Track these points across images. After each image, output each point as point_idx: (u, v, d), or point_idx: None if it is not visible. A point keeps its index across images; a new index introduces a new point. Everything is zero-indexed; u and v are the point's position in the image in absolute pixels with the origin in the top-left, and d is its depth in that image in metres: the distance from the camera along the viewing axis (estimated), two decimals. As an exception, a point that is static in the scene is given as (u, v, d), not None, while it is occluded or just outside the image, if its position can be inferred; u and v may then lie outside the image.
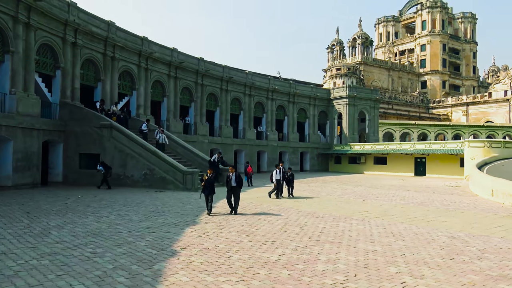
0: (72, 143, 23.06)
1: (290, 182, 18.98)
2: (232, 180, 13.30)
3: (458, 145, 36.36)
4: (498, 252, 8.40)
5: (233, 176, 13.33)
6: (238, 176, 13.36)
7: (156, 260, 7.42)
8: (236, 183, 13.32)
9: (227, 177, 13.47)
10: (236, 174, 13.39)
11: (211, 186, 12.97)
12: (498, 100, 74.88)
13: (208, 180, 13.03)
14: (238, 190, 13.41)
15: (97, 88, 26.69)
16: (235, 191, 13.33)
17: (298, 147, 45.65)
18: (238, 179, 13.35)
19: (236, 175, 13.35)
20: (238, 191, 13.43)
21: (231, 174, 13.34)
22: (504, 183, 17.55)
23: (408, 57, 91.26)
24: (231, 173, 13.37)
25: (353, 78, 71.68)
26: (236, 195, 13.33)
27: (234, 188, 13.32)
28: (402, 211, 14.56)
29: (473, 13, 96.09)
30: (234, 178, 13.30)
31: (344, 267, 7.14)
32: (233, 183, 13.28)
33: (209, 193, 12.95)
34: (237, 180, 13.35)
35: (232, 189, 13.33)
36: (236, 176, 13.34)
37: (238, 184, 13.38)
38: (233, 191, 13.31)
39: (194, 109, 35.25)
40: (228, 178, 13.38)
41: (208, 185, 12.93)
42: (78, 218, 11.84)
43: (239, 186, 13.44)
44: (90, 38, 25.30)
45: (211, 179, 13.11)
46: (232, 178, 13.32)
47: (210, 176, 13.12)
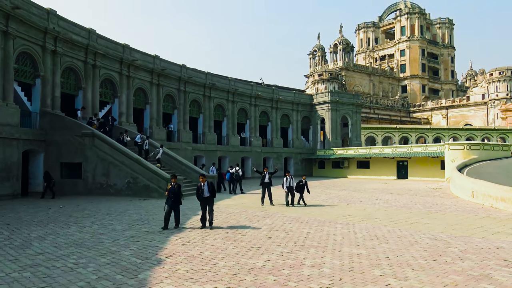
0: (53, 152, 22.68)
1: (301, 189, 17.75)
2: (204, 191, 11.93)
3: (439, 148, 36.99)
4: (479, 252, 8.57)
5: (205, 185, 11.97)
6: (211, 186, 12.07)
7: (141, 269, 7.35)
8: (209, 193, 12.00)
9: (198, 187, 12.02)
10: (208, 183, 12.09)
11: (175, 196, 11.74)
12: (476, 103, 76.62)
13: (171, 189, 11.78)
14: (211, 200, 12.10)
15: (78, 96, 26.36)
16: (209, 202, 12.00)
17: (282, 153, 45.82)
18: (211, 188, 12.03)
19: (208, 184, 12.04)
20: (212, 201, 12.11)
21: (203, 184, 11.96)
22: (483, 185, 17.91)
23: (389, 62, 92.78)
24: (202, 183, 11.98)
25: (335, 83, 72.46)
26: (211, 207, 12.02)
27: (207, 199, 11.97)
28: (386, 214, 14.73)
29: (450, 19, 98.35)
30: (206, 188, 11.95)
31: (329, 271, 7.19)
32: (206, 194, 11.93)
33: (173, 205, 11.70)
34: (210, 189, 12.01)
35: (205, 200, 11.97)
36: (209, 186, 12.01)
37: (211, 194, 12.06)
38: (207, 202, 11.99)
39: (177, 116, 35.10)
40: (200, 189, 11.95)
41: (172, 195, 11.69)
42: (60, 228, 11.64)
43: (213, 196, 12.12)
44: (71, 46, 25.03)
45: (175, 188, 11.83)
46: (204, 188, 11.94)
47: (174, 185, 11.84)
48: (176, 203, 11.78)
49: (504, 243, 9.49)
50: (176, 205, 11.77)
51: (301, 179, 18.09)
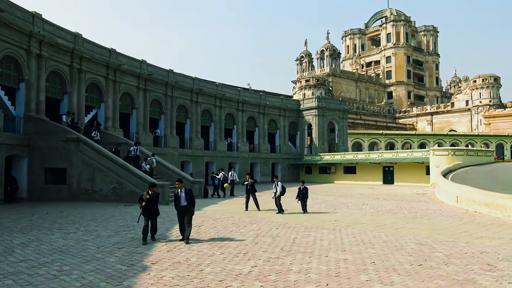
0: (37, 157, 22.33)
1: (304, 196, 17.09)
2: (181, 199, 10.65)
3: (424, 153, 37.44)
4: (463, 257, 8.66)
5: (183, 193, 10.66)
6: (189, 193, 10.71)
7: (126, 276, 7.26)
8: (186, 201, 10.66)
9: (175, 195, 10.79)
10: (186, 190, 10.72)
11: (153, 207, 10.62)
12: (460, 109, 77.89)
13: (150, 199, 10.55)
14: (190, 211, 10.68)
15: (63, 101, 26.05)
16: (187, 212, 10.64)
17: (269, 158, 45.86)
18: (189, 196, 10.66)
19: (186, 192, 10.68)
20: (190, 212, 10.68)
21: (180, 191, 10.69)
22: (467, 190, 18.16)
23: (375, 68, 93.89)
24: (179, 190, 10.72)
25: (322, 89, 72.95)
26: (188, 217, 10.63)
27: (184, 208, 10.67)
28: (372, 219, 14.82)
29: (434, 26, 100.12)
30: (183, 196, 10.65)
31: (316, 276, 7.19)
32: (183, 202, 10.64)
33: (151, 216, 10.59)
34: (188, 198, 10.65)
35: (182, 210, 10.69)
36: (186, 193, 10.66)
37: (189, 203, 10.67)
38: (184, 212, 10.67)
39: (164, 121, 34.93)
40: (176, 197, 10.72)
41: (149, 205, 10.51)
42: (43, 235, 11.44)
43: (191, 205, 10.71)
44: (56, 50, 24.76)
45: (153, 197, 10.67)
46: (181, 195, 10.65)
47: (153, 194, 10.64)
48: (155, 215, 10.72)
49: (488, 247, 9.62)
50: (154, 217, 10.73)
51: (300, 186, 17.41)
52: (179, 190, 10.75)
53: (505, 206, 14.70)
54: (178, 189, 10.77)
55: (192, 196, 10.78)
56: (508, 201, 14.68)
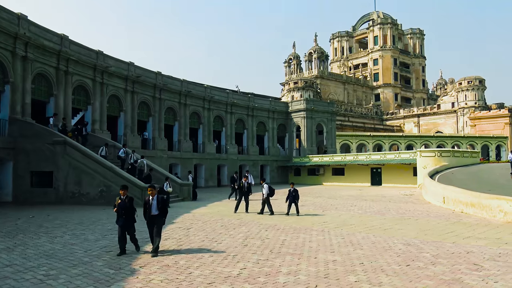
0: (22, 160, 22.02)
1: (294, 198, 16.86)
2: (152, 207, 9.39)
3: (411, 155, 37.80)
4: (450, 257, 8.76)
5: (154, 200, 9.43)
6: (161, 201, 9.47)
7: (114, 280, 7.19)
8: (158, 210, 9.42)
9: (145, 202, 9.51)
10: (158, 198, 9.48)
11: (127, 214, 9.34)
12: (446, 111, 78.91)
13: (121, 205, 9.34)
14: (161, 220, 9.50)
15: (49, 103, 25.76)
16: (157, 222, 9.40)
17: (258, 160, 45.86)
18: (160, 205, 9.42)
19: (158, 200, 9.45)
20: (160, 222, 9.49)
21: (151, 199, 9.43)
22: (454, 191, 18.37)
23: (362, 71, 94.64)
24: (150, 197, 9.45)
25: (310, 91, 73.29)
26: (158, 228, 9.37)
27: (154, 218, 9.39)
28: (360, 220, 14.91)
29: (421, 29, 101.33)
30: (155, 204, 9.41)
31: (305, 278, 7.21)
32: (154, 211, 9.39)
33: (125, 224, 9.34)
34: (160, 206, 9.41)
35: (152, 220, 9.40)
36: (158, 201, 9.43)
37: (160, 212, 9.44)
38: (154, 222, 9.39)
39: (153, 124, 34.73)
40: (147, 204, 9.44)
41: (122, 212, 9.30)
42: (29, 239, 11.28)
43: (162, 215, 9.50)
44: (42, 52, 24.47)
45: (126, 202, 9.38)
46: (152, 203, 9.40)
47: (124, 199, 9.39)
48: (129, 222, 9.40)
49: (474, 247, 9.74)
50: (129, 224, 9.41)
51: (290, 188, 17.26)
52: (150, 198, 9.46)
53: (491, 206, 14.91)
54: (149, 196, 9.49)
55: (164, 205, 9.57)
56: (493, 201, 14.88)
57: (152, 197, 9.46)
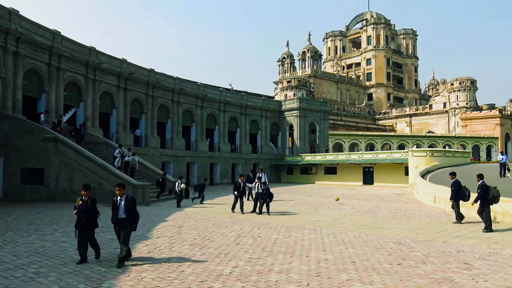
0: (13, 157, 21.80)
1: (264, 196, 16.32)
2: (119, 209, 8.21)
3: (403, 154, 38.01)
4: (441, 256, 8.82)
5: (122, 201, 8.24)
6: (130, 202, 8.25)
7: (105, 278, 7.15)
8: (126, 213, 8.19)
9: (113, 203, 8.33)
10: (127, 199, 8.26)
11: (88, 217, 8.24)
12: (438, 111, 79.42)
13: (82, 207, 8.28)
14: (129, 226, 8.27)
15: (41, 100, 25.53)
16: (125, 228, 8.19)
17: (250, 159, 45.85)
18: (129, 207, 8.19)
19: (126, 201, 8.23)
20: (129, 227, 8.28)
21: (119, 199, 8.26)
22: (445, 190, 18.46)
23: (355, 70, 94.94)
24: (119, 198, 8.27)
25: (303, 90, 73.39)
26: (125, 235, 8.15)
27: (121, 222, 8.22)
28: (352, 219, 14.97)
29: (413, 30, 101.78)
30: (122, 206, 8.21)
31: (297, 276, 7.23)
32: (121, 214, 8.19)
33: (84, 229, 8.19)
34: (128, 209, 8.17)
35: (118, 224, 8.26)
36: (127, 202, 8.21)
37: (128, 216, 8.20)
38: (122, 227, 8.21)
39: (145, 121, 34.57)
40: (114, 206, 8.29)
41: (83, 215, 8.22)
42: (20, 236, 11.18)
43: (131, 220, 8.26)
44: (34, 48, 24.24)
45: (87, 204, 8.32)
46: (120, 205, 8.23)
47: (86, 201, 8.34)
48: (90, 226, 8.31)
49: (465, 246, 9.83)
50: (90, 229, 8.31)
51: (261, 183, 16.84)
52: (118, 198, 8.25)
53: (481, 206, 15.00)
54: (117, 197, 8.27)
55: (133, 206, 8.28)
56: (483, 201, 14.98)
57: (120, 197, 8.25)
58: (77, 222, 8.33)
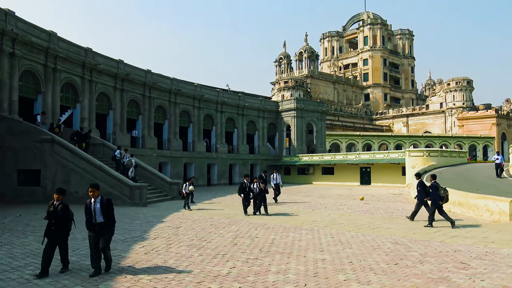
0: (9, 158, 21.71)
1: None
2: (96, 212, 7.38)
3: (400, 154, 38.07)
4: (438, 255, 8.84)
5: (97, 203, 7.40)
6: (106, 204, 7.43)
7: (102, 279, 7.13)
8: (103, 216, 7.40)
9: (86, 207, 7.47)
10: (103, 201, 7.44)
11: (59, 224, 7.41)
12: (435, 111, 79.66)
13: (52, 213, 7.44)
14: (108, 230, 7.48)
15: (37, 101, 25.42)
16: (103, 233, 7.39)
17: (248, 159, 45.83)
18: (106, 209, 7.38)
19: (102, 203, 7.41)
20: (108, 233, 7.50)
21: (93, 201, 7.43)
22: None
23: (352, 70, 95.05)
24: (93, 200, 7.45)
25: (300, 90, 73.44)
26: (105, 241, 7.38)
27: (99, 227, 7.40)
28: (349, 219, 14.99)
29: (410, 30, 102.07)
30: (98, 208, 7.37)
31: (294, 277, 7.22)
32: (99, 218, 7.39)
33: (56, 238, 7.44)
34: (105, 211, 7.38)
35: (95, 229, 7.41)
36: (103, 205, 7.39)
37: (106, 219, 7.43)
38: (100, 232, 7.38)
39: (142, 122, 34.49)
40: (88, 209, 7.43)
41: (53, 222, 7.42)
42: (16, 238, 11.13)
43: (108, 223, 7.47)
44: (30, 49, 24.14)
45: (59, 211, 7.44)
46: (95, 208, 7.38)
47: (57, 206, 7.47)
48: (61, 235, 7.51)
49: (461, 246, 9.85)
50: (61, 238, 7.53)
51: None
52: (92, 200, 7.44)
53: (478, 205, 15.10)
54: (91, 199, 7.47)
55: (110, 208, 7.48)
56: (480, 201, 15.07)
57: (94, 199, 7.43)
58: (47, 229, 7.48)
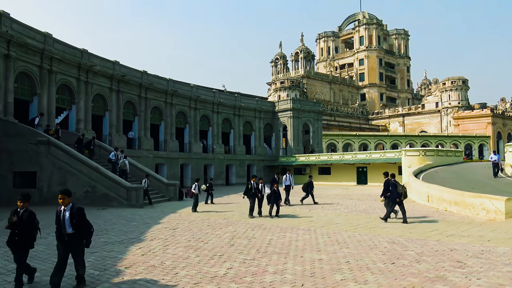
0: (5, 160, 21.61)
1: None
2: (65, 222, 6.35)
3: (396, 154, 38.19)
4: (434, 254, 8.86)
5: (67, 211, 6.40)
6: (77, 213, 6.39)
7: (99, 282, 7.11)
8: (73, 227, 6.35)
9: (56, 215, 6.56)
10: (73, 209, 6.41)
11: (21, 234, 6.49)
12: (431, 111, 79.90)
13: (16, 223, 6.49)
14: (79, 243, 6.51)
15: (33, 103, 25.34)
16: (74, 246, 6.47)
17: (244, 160, 45.84)
18: (76, 219, 6.35)
19: (72, 212, 6.37)
20: (79, 246, 6.54)
21: (63, 210, 6.45)
22: (438, 189, 18.60)
23: (348, 71, 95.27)
24: (62, 207, 6.47)
25: (296, 91, 73.50)
26: (77, 256, 6.53)
27: (68, 239, 6.40)
28: (346, 219, 15.01)
29: (405, 30, 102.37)
30: (67, 218, 6.35)
31: (291, 277, 7.23)
32: (67, 228, 6.35)
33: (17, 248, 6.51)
34: (75, 222, 6.33)
35: (64, 241, 6.42)
36: (73, 214, 6.36)
37: (77, 231, 6.39)
38: (69, 245, 6.43)
39: (138, 123, 34.44)
40: (58, 219, 6.48)
41: (18, 233, 6.49)
42: (12, 241, 11.05)
43: (80, 235, 6.47)
44: (25, 50, 24.06)
45: (23, 219, 6.53)
46: (64, 216, 6.37)
47: (21, 214, 6.56)
48: (23, 246, 6.56)
49: (458, 245, 9.88)
50: (23, 249, 6.60)
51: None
52: (62, 208, 6.48)
53: (474, 204, 15.14)
54: (61, 206, 6.51)
55: (81, 218, 6.46)
56: (476, 199, 15.12)
57: (64, 207, 6.45)
58: (10, 239, 6.59)
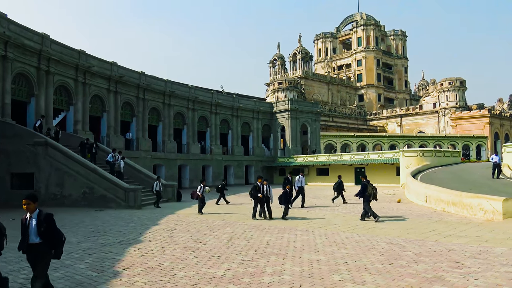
0: (2, 162, 21.55)
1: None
2: (30, 231, 5.62)
3: (394, 154, 38.22)
4: (432, 255, 8.88)
5: (33, 219, 5.63)
6: (45, 220, 5.60)
7: (97, 283, 7.09)
8: (40, 236, 5.59)
9: (21, 223, 5.79)
10: (41, 216, 5.62)
11: None
12: (428, 112, 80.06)
13: None
14: (45, 254, 5.69)
15: (30, 104, 25.29)
16: (39, 256, 5.70)
17: (243, 161, 45.83)
18: (44, 227, 5.57)
19: (40, 219, 5.60)
20: (45, 256, 5.70)
21: (29, 217, 5.68)
22: (436, 190, 18.62)
23: (346, 71, 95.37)
24: (28, 214, 5.70)
25: (294, 92, 73.58)
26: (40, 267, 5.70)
27: (35, 249, 5.68)
28: (344, 220, 15.03)
29: (403, 31, 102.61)
30: (33, 226, 5.60)
31: (289, 278, 7.23)
32: (33, 238, 5.62)
33: None
34: (43, 230, 5.57)
35: (30, 251, 5.73)
36: (40, 222, 5.58)
37: (44, 240, 5.62)
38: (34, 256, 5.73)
39: (136, 124, 34.40)
40: (24, 227, 5.74)
41: None
42: (9, 242, 10.92)
43: (48, 245, 5.66)
44: (22, 51, 24.01)
45: None
46: (30, 224, 5.63)
47: None
48: None
49: (456, 245, 9.89)
50: None
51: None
52: (28, 215, 5.70)
53: (471, 205, 15.17)
54: (26, 213, 5.73)
55: (50, 225, 5.65)
56: (474, 200, 15.15)
57: (30, 214, 5.67)
58: None
